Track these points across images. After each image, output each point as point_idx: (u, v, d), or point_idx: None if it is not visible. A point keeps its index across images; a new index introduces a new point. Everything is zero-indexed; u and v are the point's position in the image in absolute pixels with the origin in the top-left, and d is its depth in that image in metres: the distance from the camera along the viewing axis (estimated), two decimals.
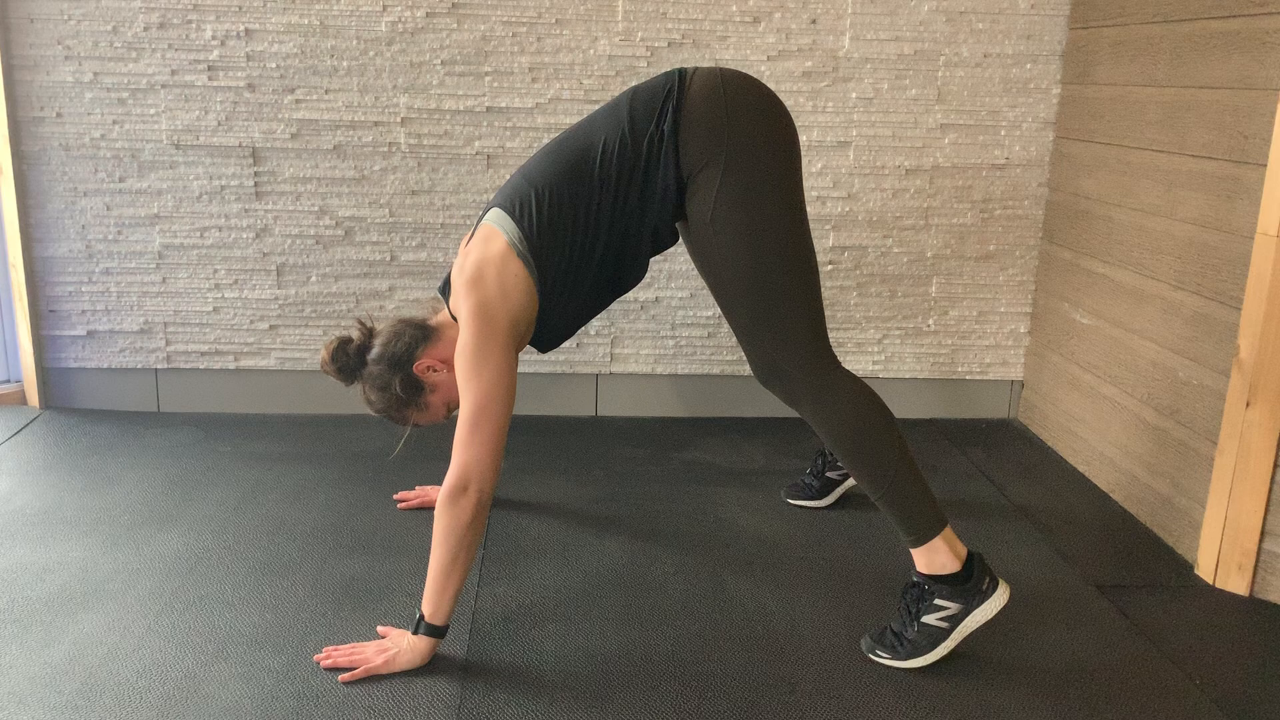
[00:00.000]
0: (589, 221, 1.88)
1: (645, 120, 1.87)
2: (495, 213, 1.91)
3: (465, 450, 1.78)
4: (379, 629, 1.94)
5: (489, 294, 1.83)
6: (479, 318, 1.82)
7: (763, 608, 2.10)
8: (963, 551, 1.88)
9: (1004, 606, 1.87)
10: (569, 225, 1.87)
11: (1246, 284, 2.14)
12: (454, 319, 2.01)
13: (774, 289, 1.85)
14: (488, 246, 1.88)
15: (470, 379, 1.80)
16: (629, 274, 1.99)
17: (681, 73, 1.89)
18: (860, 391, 1.89)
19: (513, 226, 1.87)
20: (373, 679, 1.81)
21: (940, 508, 1.89)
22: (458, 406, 1.97)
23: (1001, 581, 1.89)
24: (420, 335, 2.04)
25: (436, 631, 1.84)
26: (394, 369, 2.03)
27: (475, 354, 1.81)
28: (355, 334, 2.11)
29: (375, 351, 2.04)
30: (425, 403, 2.06)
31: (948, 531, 1.88)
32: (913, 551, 1.90)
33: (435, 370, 2.03)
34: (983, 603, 1.86)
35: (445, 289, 2.04)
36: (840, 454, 1.91)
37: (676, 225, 1.97)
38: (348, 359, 2.08)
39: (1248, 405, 2.13)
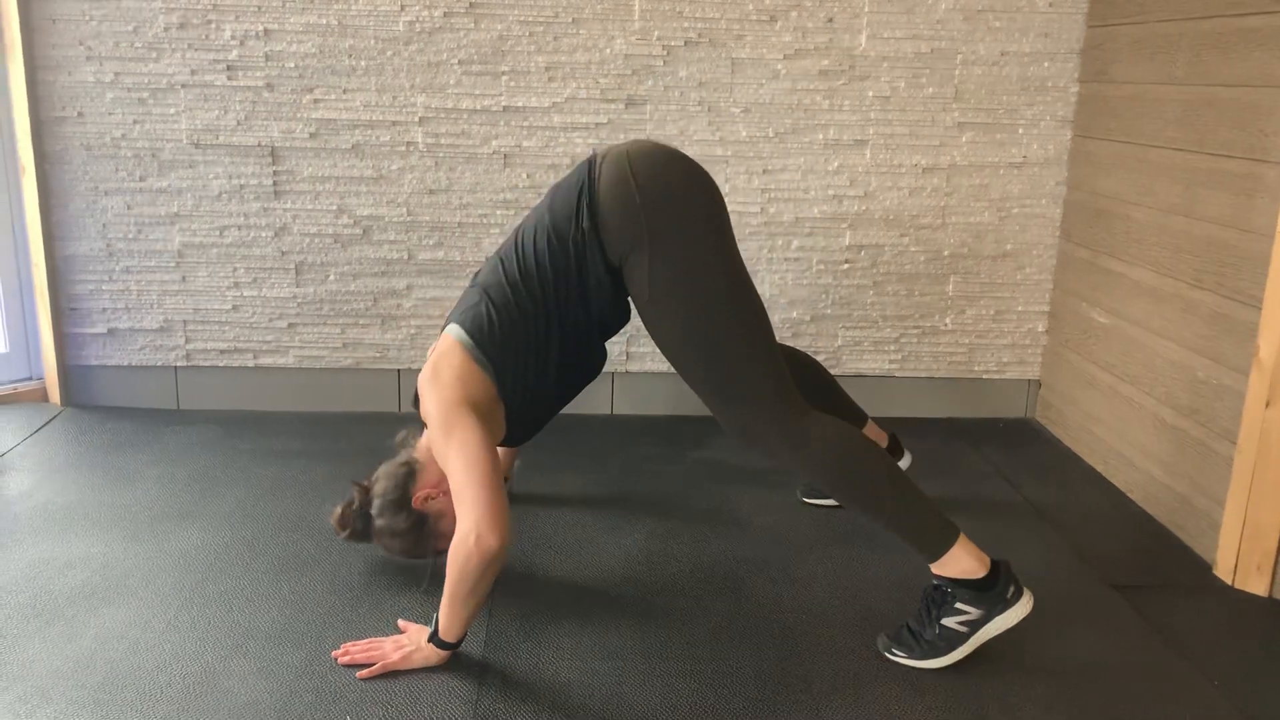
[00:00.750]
0: (537, 323, 1.96)
1: (565, 220, 1.93)
2: (451, 326, 2.01)
3: (462, 501, 1.79)
4: (399, 623, 1.95)
5: (445, 384, 1.92)
6: (440, 403, 1.90)
7: (778, 605, 2.10)
8: (985, 558, 1.87)
9: (1026, 616, 1.87)
10: (520, 329, 1.96)
11: (1266, 283, 2.13)
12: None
13: (726, 355, 1.88)
14: (441, 349, 1.98)
15: (447, 449, 1.85)
16: (590, 361, 2.08)
17: (591, 162, 1.95)
18: (836, 430, 1.90)
19: (466, 337, 1.96)
20: (390, 675, 1.82)
21: (948, 520, 1.88)
22: None
23: (1027, 591, 1.88)
24: (408, 472, 2.07)
25: (449, 646, 1.85)
26: (397, 513, 2.05)
27: (444, 430, 1.86)
28: (354, 495, 2.14)
29: (376, 506, 2.08)
30: (437, 531, 2.07)
31: (963, 540, 1.87)
32: (931, 566, 1.90)
33: (433, 498, 2.05)
34: (1005, 610, 1.86)
35: (416, 401, 2.07)
36: (833, 495, 1.92)
37: (628, 302, 2.00)
38: (356, 523, 2.12)
39: (1267, 405, 2.11)
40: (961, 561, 1.86)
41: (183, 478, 2.63)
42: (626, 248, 1.88)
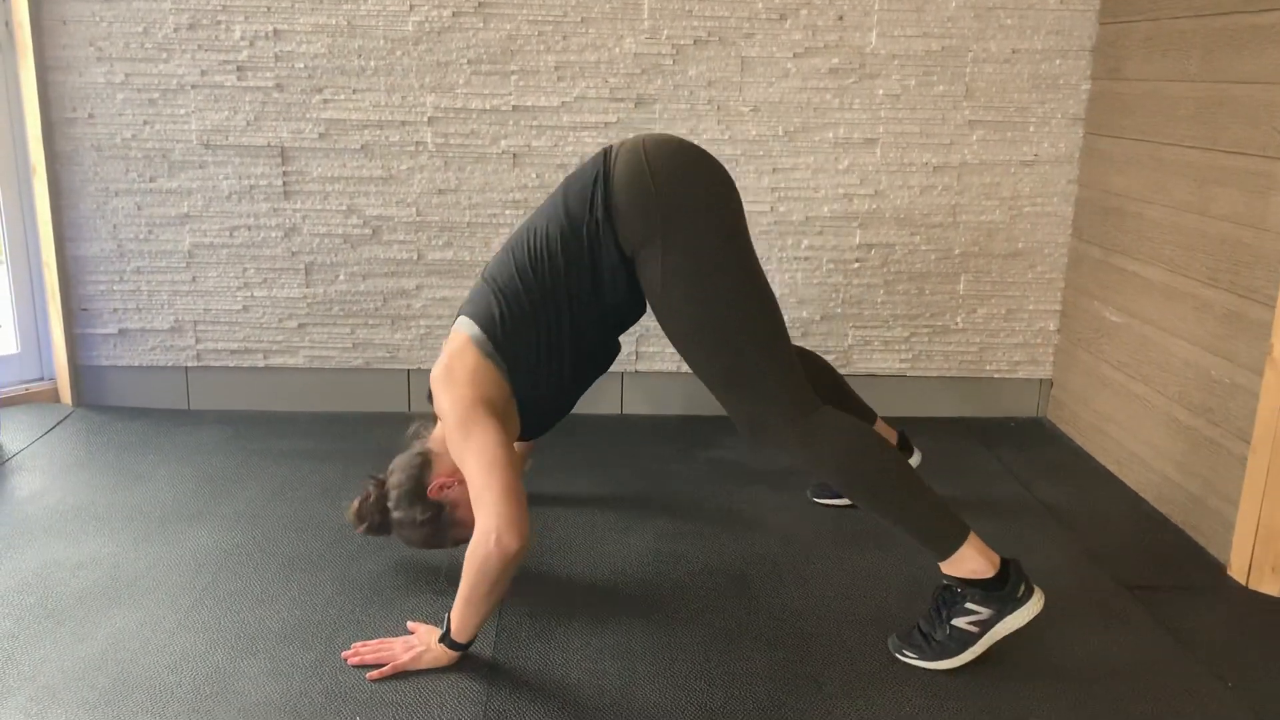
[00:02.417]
0: (550, 315, 1.95)
1: (580, 210, 1.92)
2: (462, 319, 2.00)
3: (482, 501, 1.79)
4: (409, 624, 1.95)
5: (459, 383, 1.91)
6: (456, 405, 1.89)
7: (789, 606, 2.09)
8: (996, 558, 1.86)
9: (1037, 615, 1.86)
10: (531, 321, 1.95)
11: None
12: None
13: (737, 348, 1.87)
14: (453, 346, 1.97)
15: (464, 451, 1.84)
16: (603, 354, 2.08)
17: (606, 153, 1.94)
18: (846, 426, 1.89)
19: (478, 330, 1.95)
20: (400, 676, 1.82)
21: (959, 518, 1.87)
22: None
23: (1038, 590, 1.87)
24: (422, 463, 2.07)
25: (460, 647, 1.85)
26: (413, 505, 2.05)
27: (461, 430, 1.86)
28: (370, 488, 2.14)
29: (392, 498, 2.08)
30: (454, 520, 2.07)
31: (974, 539, 1.86)
32: (941, 565, 1.89)
33: (448, 487, 2.05)
34: (1016, 610, 1.85)
35: (430, 397, 2.07)
36: (842, 490, 1.92)
37: (643, 296, 1.99)
38: (373, 516, 2.12)
39: None
40: (971, 561, 1.85)
41: (193, 478, 2.64)
42: (640, 239, 1.88)
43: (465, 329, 1.98)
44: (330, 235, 3.03)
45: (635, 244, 1.89)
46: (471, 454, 1.83)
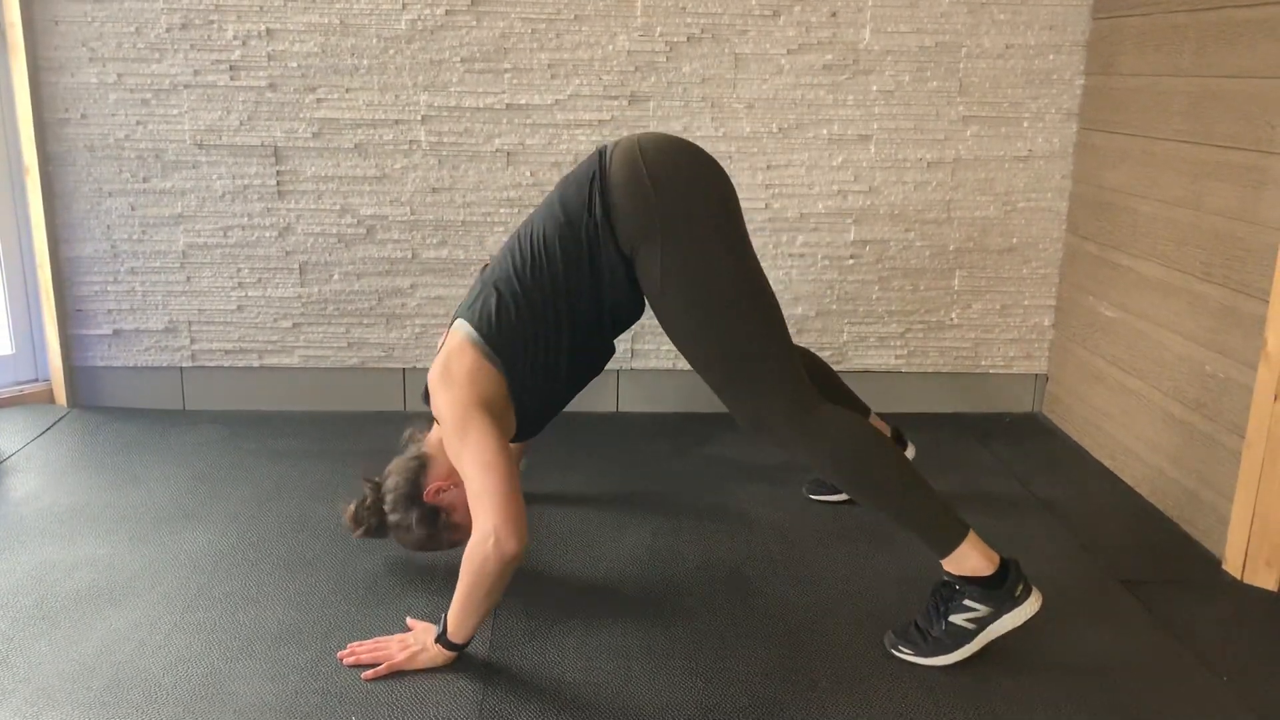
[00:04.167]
0: (549, 313, 1.94)
1: (577, 211, 1.92)
2: (459, 321, 2.00)
3: (479, 504, 1.79)
4: (408, 620, 1.95)
5: (457, 383, 1.91)
6: (454, 406, 1.89)
7: (784, 603, 2.09)
8: (995, 556, 1.87)
9: (1033, 615, 1.86)
10: (529, 322, 1.94)
11: (1274, 276, 2.12)
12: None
13: (738, 346, 1.87)
14: (451, 347, 1.97)
15: (461, 453, 1.84)
16: (599, 354, 2.07)
17: (601, 153, 1.94)
18: (848, 424, 1.89)
19: (475, 333, 1.95)
20: (395, 676, 1.82)
21: (959, 517, 1.88)
22: None
23: (1036, 590, 1.87)
24: (418, 466, 2.07)
25: (457, 648, 1.85)
26: (410, 508, 2.05)
27: (458, 432, 1.86)
28: (366, 492, 2.14)
29: (388, 501, 2.08)
30: (451, 524, 2.07)
31: (973, 537, 1.86)
32: (941, 561, 1.89)
33: (444, 490, 2.05)
34: (1013, 609, 1.85)
35: (427, 398, 2.06)
36: (843, 487, 1.92)
37: (641, 297, 1.99)
38: (369, 519, 2.12)
39: (1275, 398, 2.10)
40: (971, 558, 1.85)
41: (189, 478, 2.64)
42: (639, 238, 1.87)
43: (462, 330, 1.97)
44: (324, 234, 3.03)
45: (634, 243, 1.89)
46: (469, 456, 1.83)
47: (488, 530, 1.75)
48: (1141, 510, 2.55)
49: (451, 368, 1.93)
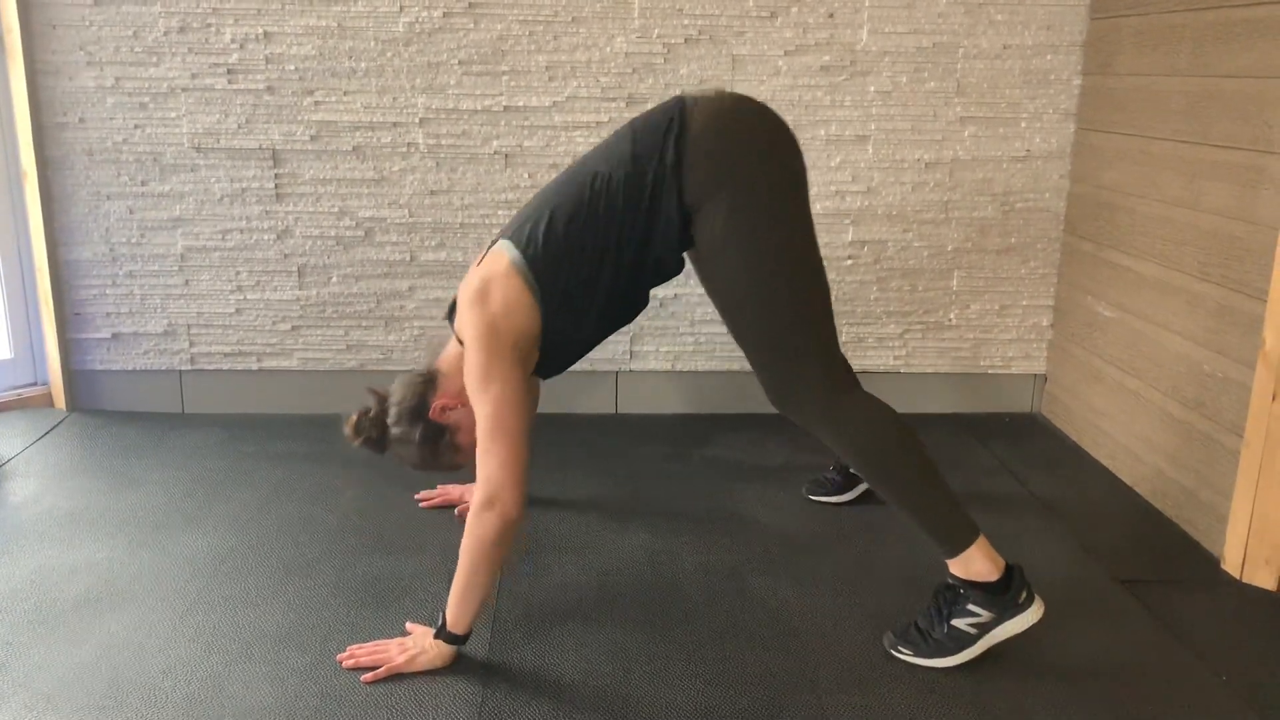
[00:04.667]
0: (595, 251, 1.89)
1: (648, 154, 1.86)
2: (503, 242, 1.94)
3: (485, 464, 1.80)
4: (408, 625, 1.95)
5: (493, 310, 1.87)
6: (484, 334, 1.85)
7: (784, 605, 2.09)
8: (1001, 562, 1.87)
9: (1035, 623, 1.86)
10: (575, 253, 1.89)
11: (1272, 275, 2.12)
12: (460, 343, 2.01)
13: (783, 316, 1.85)
14: (493, 266, 1.91)
15: (480, 394, 1.83)
16: (633, 303, 2.02)
17: (682, 104, 1.88)
18: (877, 411, 1.88)
19: (518, 253, 1.90)
20: (395, 678, 1.82)
21: (971, 519, 1.88)
22: None
23: (1038, 598, 1.87)
24: (427, 381, 2.06)
25: (456, 640, 1.85)
26: (414, 423, 2.04)
27: (483, 369, 1.83)
28: (370, 403, 2.13)
29: (392, 414, 2.06)
30: (455, 444, 2.06)
31: (982, 541, 1.86)
32: (948, 562, 1.89)
33: (451, 409, 2.03)
34: (1016, 615, 1.85)
35: (451, 315, 2.05)
36: (863, 474, 1.91)
37: (684, 254, 1.96)
38: (371, 431, 2.10)
39: (1274, 398, 2.10)
40: (979, 562, 1.85)
41: (188, 482, 2.63)
42: (707, 192, 1.83)
43: (509, 253, 1.90)
44: (323, 237, 3.03)
45: (699, 198, 1.84)
46: (487, 407, 1.81)
47: (492, 491, 1.76)
48: (1141, 510, 2.56)
49: (492, 291, 1.88)
